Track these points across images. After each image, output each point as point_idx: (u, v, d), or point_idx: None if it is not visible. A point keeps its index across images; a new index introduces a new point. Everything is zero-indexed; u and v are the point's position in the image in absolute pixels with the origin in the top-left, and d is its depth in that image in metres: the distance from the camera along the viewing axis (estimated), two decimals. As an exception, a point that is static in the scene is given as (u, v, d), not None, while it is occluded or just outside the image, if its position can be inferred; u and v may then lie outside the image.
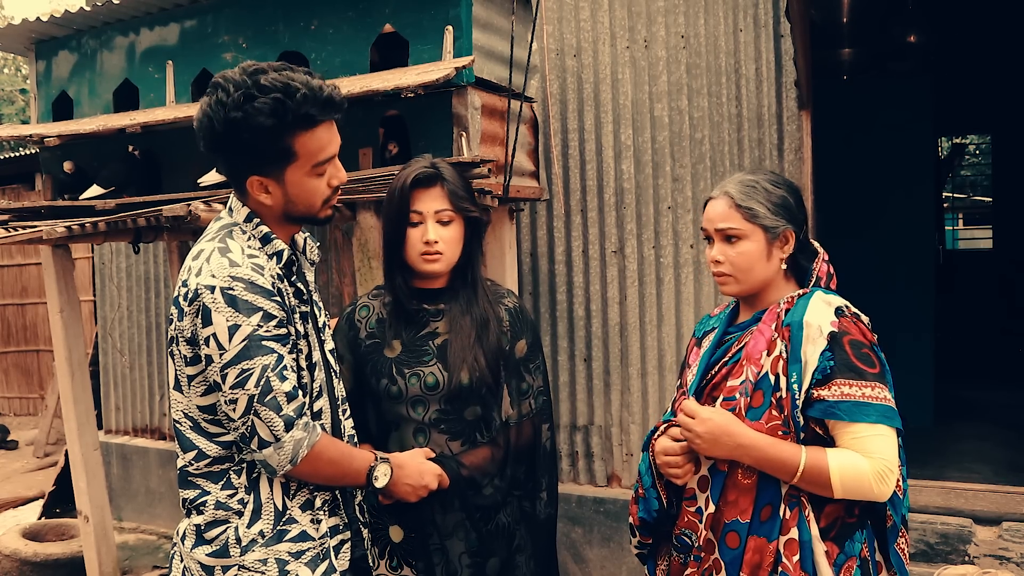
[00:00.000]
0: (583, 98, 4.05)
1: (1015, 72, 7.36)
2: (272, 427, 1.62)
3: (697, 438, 1.77)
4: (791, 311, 1.78)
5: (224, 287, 1.61)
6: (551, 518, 2.14)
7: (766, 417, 1.74)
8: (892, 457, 1.69)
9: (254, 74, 1.62)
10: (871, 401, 1.69)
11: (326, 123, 1.69)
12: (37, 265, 8.48)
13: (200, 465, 1.71)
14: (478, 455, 2.02)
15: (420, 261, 2.04)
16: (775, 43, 3.68)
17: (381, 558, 2.06)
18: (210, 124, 1.64)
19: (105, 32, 3.75)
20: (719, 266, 1.86)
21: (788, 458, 1.69)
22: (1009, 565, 3.20)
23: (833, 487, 1.68)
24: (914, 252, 5.41)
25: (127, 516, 5.45)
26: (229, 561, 1.69)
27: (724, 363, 1.86)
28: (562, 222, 4.11)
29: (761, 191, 1.82)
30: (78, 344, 4.04)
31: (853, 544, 1.75)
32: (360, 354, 2.09)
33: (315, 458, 1.68)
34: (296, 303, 1.76)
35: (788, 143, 3.67)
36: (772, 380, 1.74)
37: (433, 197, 2.03)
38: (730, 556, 1.75)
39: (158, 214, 2.98)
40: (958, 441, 4.92)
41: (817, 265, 1.87)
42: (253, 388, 1.61)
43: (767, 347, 1.77)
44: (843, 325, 1.74)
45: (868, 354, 1.73)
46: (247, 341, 1.60)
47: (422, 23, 2.96)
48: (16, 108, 16.17)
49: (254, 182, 1.70)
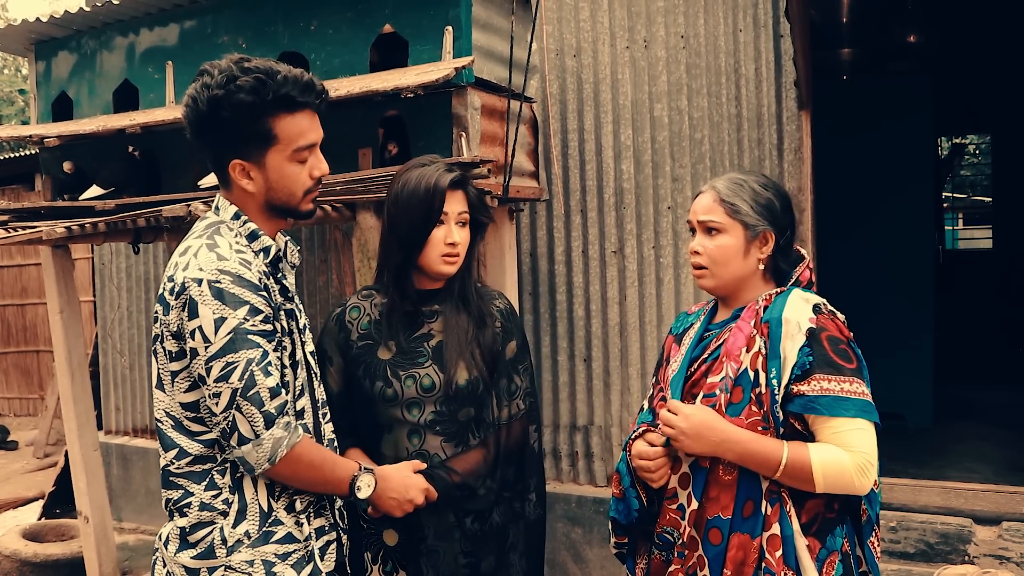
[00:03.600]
0: (583, 98, 4.05)
1: (1015, 71, 7.36)
2: (253, 423, 1.61)
3: (681, 434, 1.78)
4: (770, 308, 1.81)
5: (211, 280, 1.62)
6: (541, 519, 2.13)
7: (746, 413, 1.76)
8: (872, 451, 1.71)
9: (239, 61, 1.68)
10: (850, 396, 1.71)
11: (307, 111, 1.73)
12: (37, 266, 8.47)
13: (181, 464, 1.70)
14: (470, 459, 2.01)
15: (440, 262, 2.02)
16: (775, 43, 3.68)
17: (375, 563, 2.04)
18: (194, 105, 1.68)
19: (105, 33, 3.75)
20: (697, 257, 1.90)
21: (770, 453, 1.71)
22: (1009, 565, 3.20)
23: (815, 481, 1.70)
24: (914, 252, 5.41)
25: (127, 517, 5.45)
26: (215, 562, 1.68)
27: (704, 360, 1.88)
28: (562, 222, 4.11)
29: (748, 190, 1.86)
30: (78, 345, 4.04)
31: (834, 539, 1.77)
32: (351, 356, 2.06)
33: (295, 460, 1.66)
34: (282, 300, 1.76)
35: (788, 143, 3.67)
36: (751, 376, 1.77)
37: (458, 199, 2.03)
38: (713, 552, 1.77)
39: (158, 215, 2.98)
40: (958, 441, 4.92)
41: (800, 270, 1.89)
42: (237, 382, 1.60)
43: (746, 343, 1.80)
44: (821, 322, 1.76)
45: (846, 350, 1.75)
46: (233, 334, 1.60)
47: (422, 23, 2.96)
48: (16, 108, 16.17)
49: (236, 166, 1.71)
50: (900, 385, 5.24)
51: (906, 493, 3.53)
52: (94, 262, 5.74)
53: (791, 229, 1.90)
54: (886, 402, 5.76)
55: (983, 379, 6.54)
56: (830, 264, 4.42)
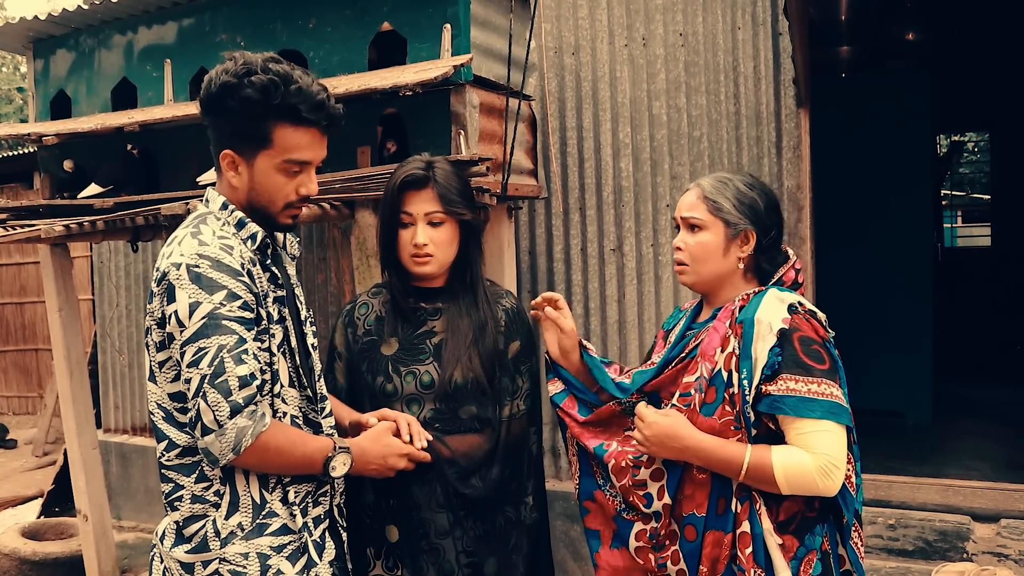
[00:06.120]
0: (581, 96, 4.05)
1: (1013, 69, 7.36)
2: (216, 412, 1.56)
3: (645, 441, 1.81)
4: (744, 308, 1.82)
5: (190, 264, 1.61)
6: (537, 523, 2.13)
7: (719, 412, 1.78)
8: (836, 453, 1.71)
9: (269, 59, 1.68)
10: (817, 397, 1.71)
11: (313, 129, 1.71)
12: (35, 264, 8.47)
13: (171, 456, 1.69)
14: (465, 441, 2.02)
15: (411, 263, 2.05)
16: (773, 41, 3.68)
17: (377, 559, 2.05)
18: (208, 85, 1.69)
19: (103, 31, 3.75)
20: (679, 253, 1.92)
21: (733, 457, 1.73)
22: (1007, 562, 3.20)
23: (778, 483, 1.71)
24: (912, 250, 5.41)
25: (126, 515, 5.45)
26: (209, 555, 1.68)
27: (681, 359, 1.90)
28: (561, 220, 4.11)
29: (732, 189, 1.88)
30: (77, 343, 4.04)
31: (814, 537, 1.78)
32: (357, 351, 2.08)
33: (261, 449, 1.61)
34: (271, 287, 1.74)
35: (786, 141, 3.67)
36: (725, 376, 1.78)
37: (424, 199, 2.02)
38: (689, 548, 1.81)
39: (156, 213, 2.98)
40: (957, 439, 4.93)
41: (784, 271, 1.90)
42: (206, 368, 1.57)
43: (721, 344, 1.81)
44: (794, 322, 1.76)
45: (818, 351, 1.75)
46: (206, 319, 1.58)
47: (420, 21, 2.96)
48: (14, 107, 16.15)
49: (227, 156, 1.72)
50: (899, 383, 5.26)
51: (905, 491, 3.54)
52: (93, 260, 5.74)
53: (776, 230, 1.91)
54: (885, 400, 5.81)
55: (982, 377, 6.55)
56: (829, 262, 4.43)
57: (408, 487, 1.98)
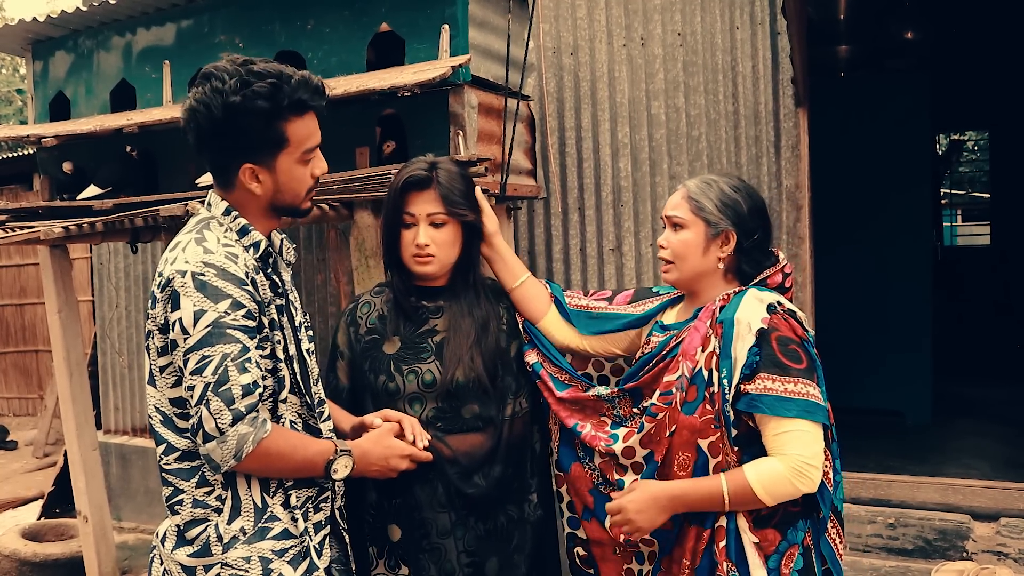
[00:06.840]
0: (580, 96, 4.05)
1: (1013, 68, 7.36)
2: (218, 419, 1.57)
3: (633, 524, 1.82)
4: (725, 308, 1.85)
5: (195, 272, 1.61)
6: (542, 521, 2.13)
7: (699, 411, 1.81)
8: (810, 452, 1.73)
9: (244, 64, 1.67)
10: (793, 396, 1.73)
11: (311, 112, 1.74)
12: (35, 265, 8.47)
13: (170, 460, 1.70)
14: (467, 440, 2.02)
15: (412, 263, 2.06)
16: (772, 40, 3.68)
17: (380, 558, 2.06)
18: (207, 112, 1.65)
19: (102, 32, 3.75)
20: (663, 251, 1.98)
21: (714, 492, 1.76)
22: (1007, 561, 3.21)
23: (761, 499, 1.74)
24: (912, 249, 5.42)
25: (126, 516, 5.45)
26: (211, 560, 1.68)
27: (662, 358, 1.93)
28: (560, 220, 4.11)
29: (716, 189, 1.92)
30: (76, 344, 4.04)
31: (796, 532, 1.81)
32: (359, 350, 2.09)
33: (262, 454, 1.62)
34: (272, 296, 1.75)
35: (785, 140, 3.67)
36: (705, 376, 1.81)
37: (427, 200, 2.03)
38: (664, 537, 1.87)
39: (155, 214, 2.98)
40: (956, 438, 4.93)
41: (770, 273, 1.92)
42: (210, 376, 1.57)
43: (702, 343, 1.84)
44: (773, 322, 1.78)
45: (796, 350, 1.77)
46: (211, 327, 1.59)
47: (418, 22, 2.96)
48: (13, 108, 16.16)
49: (246, 171, 1.71)
50: (899, 382, 5.26)
51: (904, 490, 3.54)
52: (92, 262, 5.73)
53: (761, 233, 1.92)
54: (885, 399, 5.81)
55: (982, 376, 6.55)
56: (828, 261, 4.43)
57: (410, 486, 1.99)
